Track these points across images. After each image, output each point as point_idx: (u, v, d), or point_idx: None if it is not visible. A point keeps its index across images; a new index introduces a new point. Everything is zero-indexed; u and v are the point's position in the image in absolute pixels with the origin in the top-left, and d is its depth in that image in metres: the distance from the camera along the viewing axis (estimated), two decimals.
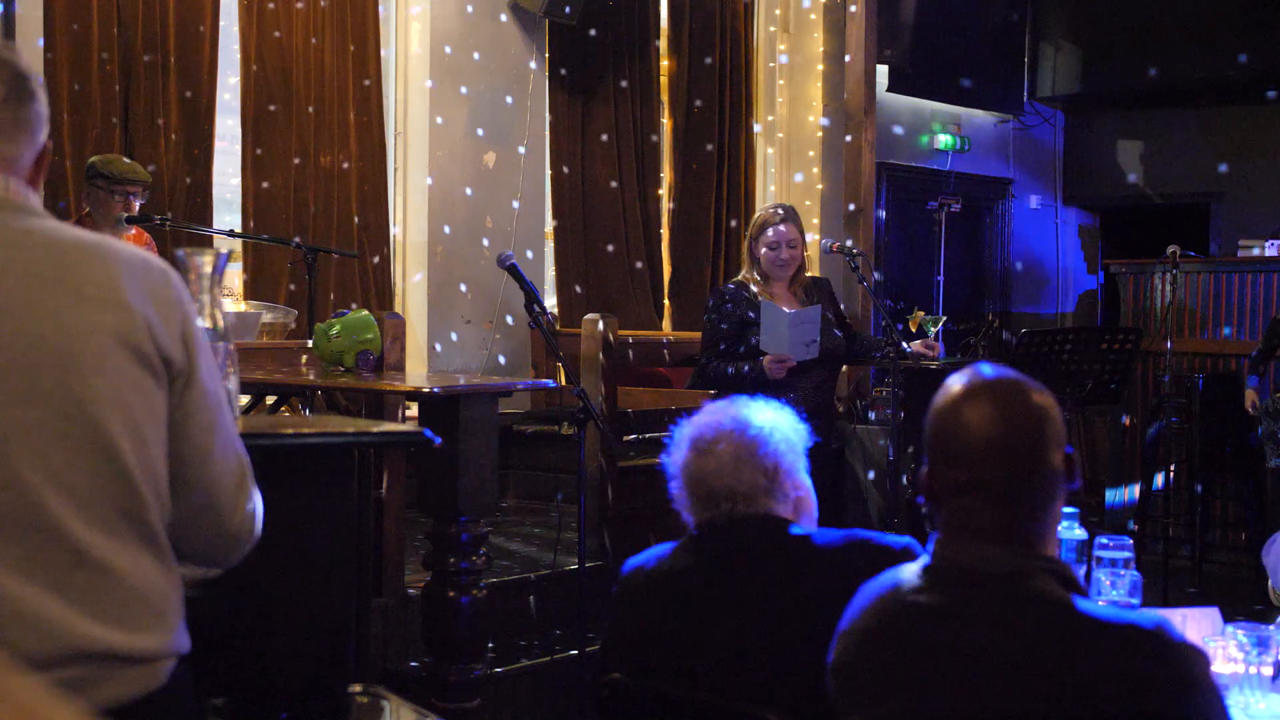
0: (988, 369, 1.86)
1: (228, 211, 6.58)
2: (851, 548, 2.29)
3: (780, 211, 4.83)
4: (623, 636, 2.41)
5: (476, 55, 7.15)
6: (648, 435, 6.12)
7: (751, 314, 4.70)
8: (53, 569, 1.64)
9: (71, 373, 1.67)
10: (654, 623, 2.33)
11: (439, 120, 7.04)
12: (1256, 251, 7.73)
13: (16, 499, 1.63)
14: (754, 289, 4.78)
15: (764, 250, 4.75)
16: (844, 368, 5.71)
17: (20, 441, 1.64)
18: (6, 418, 1.64)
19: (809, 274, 5.02)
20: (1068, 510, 2.61)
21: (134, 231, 5.07)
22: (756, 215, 4.90)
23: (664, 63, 8.13)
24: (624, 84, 7.77)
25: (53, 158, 5.71)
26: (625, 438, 5.82)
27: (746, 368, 4.63)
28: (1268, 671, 2.39)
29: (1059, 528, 1.90)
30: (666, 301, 8.13)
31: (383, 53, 6.93)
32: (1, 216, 1.73)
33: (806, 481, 2.41)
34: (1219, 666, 2.38)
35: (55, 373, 1.66)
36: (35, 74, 1.82)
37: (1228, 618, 2.78)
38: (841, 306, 5.21)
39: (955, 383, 1.85)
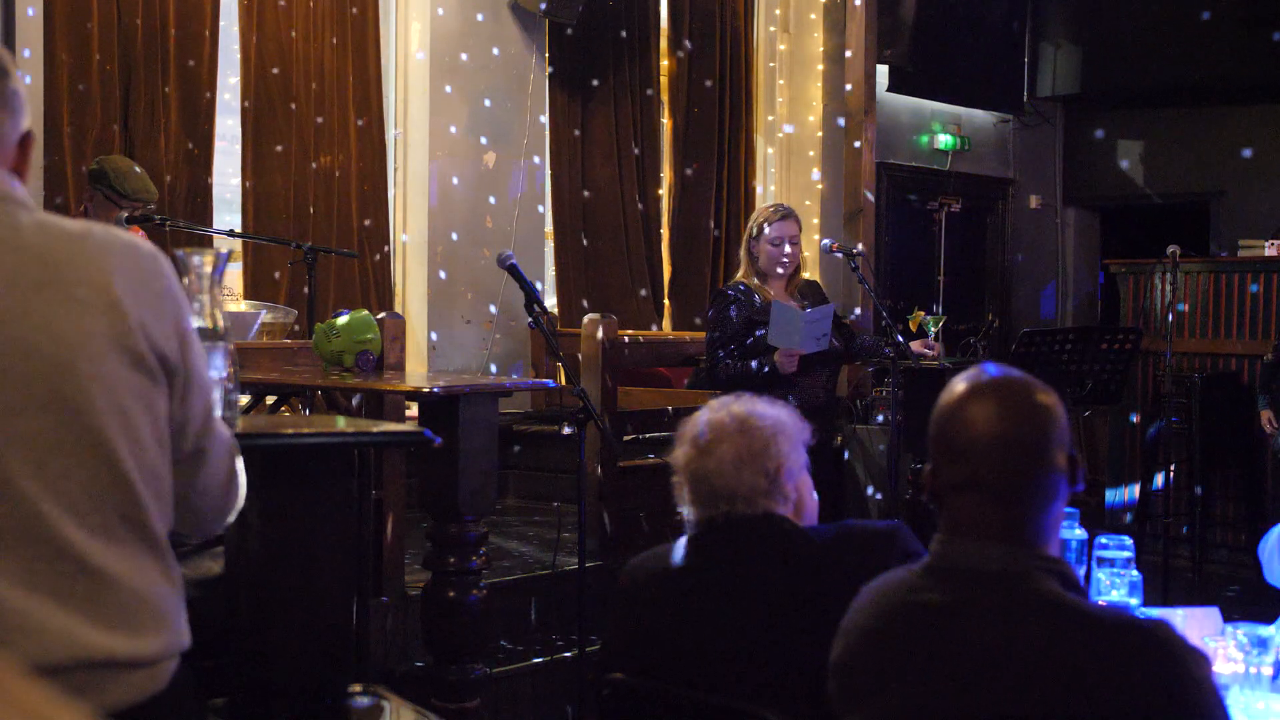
0: (993, 368, 1.86)
1: (228, 211, 6.58)
2: (841, 538, 2.30)
3: (780, 209, 4.83)
4: (622, 635, 2.42)
5: (476, 55, 7.15)
6: (648, 435, 6.12)
7: (757, 315, 4.68)
8: (54, 578, 1.63)
9: (66, 380, 1.65)
10: (653, 621, 2.34)
11: (439, 120, 7.04)
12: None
13: (15, 510, 1.62)
14: (757, 287, 4.76)
15: (766, 247, 4.73)
16: (844, 367, 5.71)
17: (17, 452, 1.63)
18: (3, 429, 1.63)
19: (802, 276, 5.02)
20: (1068, 510, 2.61)
21: (131, 230, 5.07)
22: (754, 216, 4.88)
23: (664, 63, 8.13)
24: (624, 84, 7.76)
25: (53, 158, 5.72)
26: (625, 438, 5.82)
27: (756, 364, 4.62)
28: (1268, 671, 2.39)
29: (1060, 528, 1.90)
30: (666, 301, 8.13)
31: (383, 53, 6.93)
32: None
33: (808, 482, 2.41)
34: (1219, 666, 2.39)
35: (50, 381, 1.64)
36: (8, 55, 1.78)
37: (1228, 618, 2.78)
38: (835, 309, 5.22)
39: (960, 381, 1.85)
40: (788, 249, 4.73)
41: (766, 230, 4.73)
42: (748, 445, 2.32)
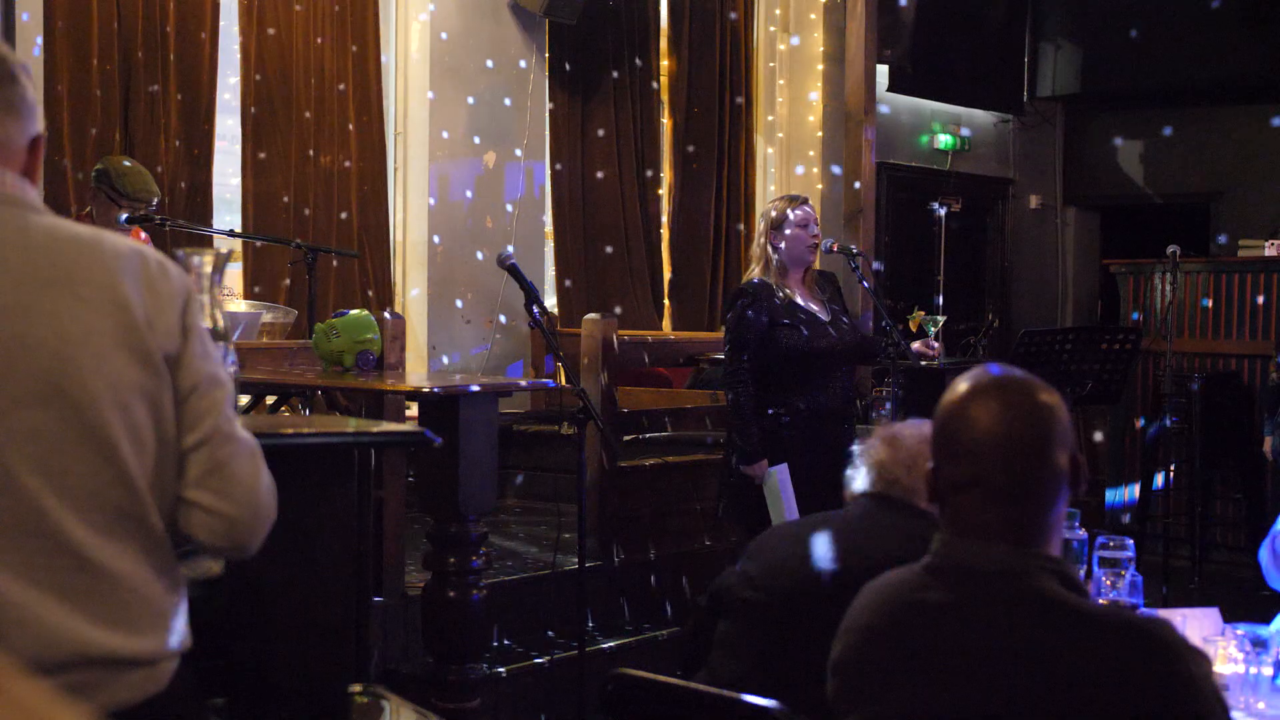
0: (996, 368, 1.86)
1: (228, 211, 6.58)
2: None
3: (799, 196, 4.76)
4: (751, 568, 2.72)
5: (477, 55, 7.15)
6: (648, 435, 6.12)
7: (778, 314, 4.55)
8: (54, 573, 1.64)
9: (69, 376, 1.66)
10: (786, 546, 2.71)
11: (439, 120, 7.04)
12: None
13: (16, 504, 1.62)
14: (778, 283, 4.62)
15: (794, 232, 4.59)
16: None
17: (19, 446, 1.63)
18: (5, 423, 1.63)
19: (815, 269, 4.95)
20: (1068, 510, 2.62)
21: (132, 231, 5.06)
22: (769, 209, 4.75)
23: (664, 62, 8.13)
24: (624, 84, 7.76)
25: (53, 158, 5.72)
26: (625, 438, 5.82)
27: (771, 412, 4.48)
28: (1268, 671, 2.39)
29: (1062, 528, 1.90)
30: (666, 301, 8.13)
31: (383, 53, 6.93)
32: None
33: None
34: (1219, 666, 2.39)
35: (53, 377, 1.65)
36: (17, 60, 1.78)
37: (1228, 618, 2.78)
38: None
39: (964, 380, 1.86)
40: (814, 230, 4.66)
41: (791, 216, 4.62)
42: (922, 452, 2.61)
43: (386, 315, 4.49)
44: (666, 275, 8.15)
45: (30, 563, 1.63)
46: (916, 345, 4.80)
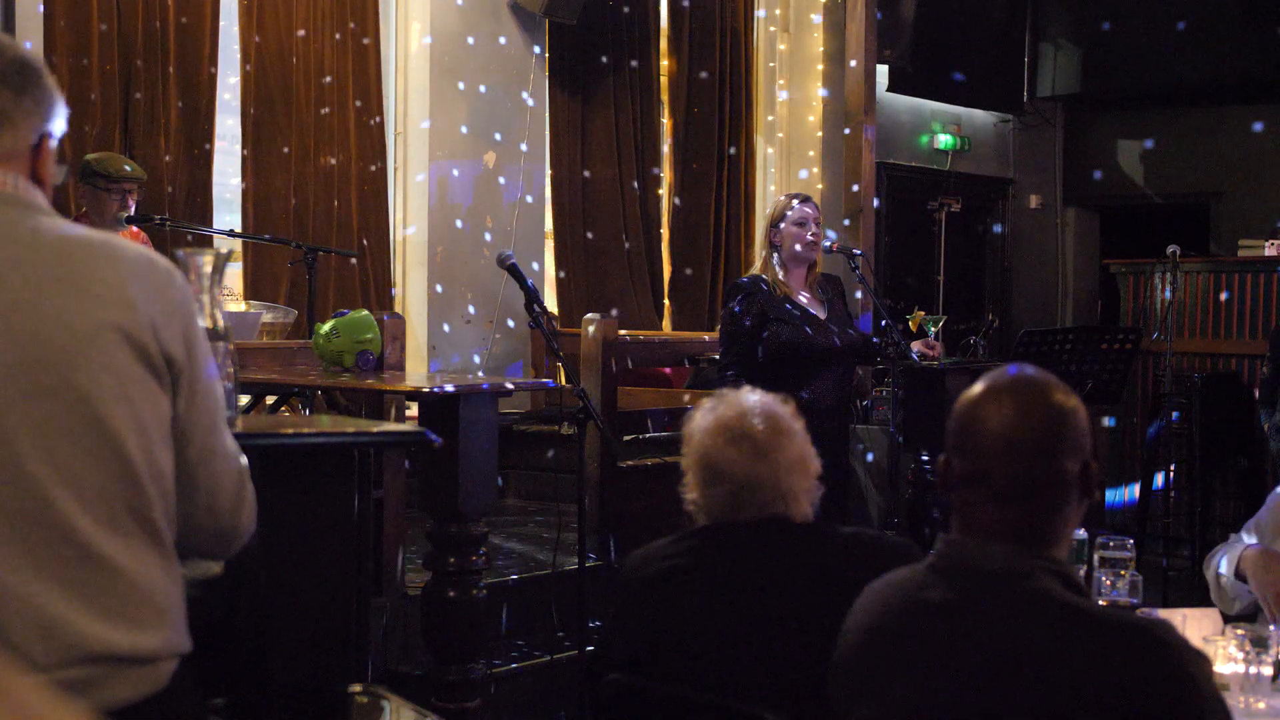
0: (1015, 368, 1.86)
1: (228, 211, 6.58)
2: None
3: (800, 195, 4.78)
4: (628, 624, 2.43)
5: (477, 55, 7.16)
6: (648, 435, 6.12)
7: (771, 310, 4.56)
8: (58, 565, 1.65)
9: (78, 369, 1.68)
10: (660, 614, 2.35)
11: (439, 120, 7.04)
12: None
13: (23, 494, 1.64)
14: (776, 280, 4.63)
15: (791, 229, 4.61)
16: None
17: (27, 437, 1.65)
18: (13, 414, 1.65)
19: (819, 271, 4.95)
20: None
21: (130, 230, 5.05)
22: (771, 208, 4.79)
23: (664, 62, 8.13)
24: (624, 84, 7.77)
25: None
26: (625, 438, 5.82)
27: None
28: (1268, 671, 2.39)
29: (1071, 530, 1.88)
30: (666, 301, 8.13)
31: (383, 52, 6.93)
32: (10, 214, 1.73)
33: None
34: (1219, 666, 2.39)
35: (61, 369, 1.67)
36: (16, 66, 1.78)
37: (1227, 618, 2.78)
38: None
39: (984, 378, 1.86)
40: (813, 229, 4.67)
41: (789, 214, 4.64)
42: (801, 452, 2.38)
43: (386, 315, 4.49)
44: (666, 275, 8.15)
45: (35, 553, 1.64)
46: (916, 345, 4.80)
